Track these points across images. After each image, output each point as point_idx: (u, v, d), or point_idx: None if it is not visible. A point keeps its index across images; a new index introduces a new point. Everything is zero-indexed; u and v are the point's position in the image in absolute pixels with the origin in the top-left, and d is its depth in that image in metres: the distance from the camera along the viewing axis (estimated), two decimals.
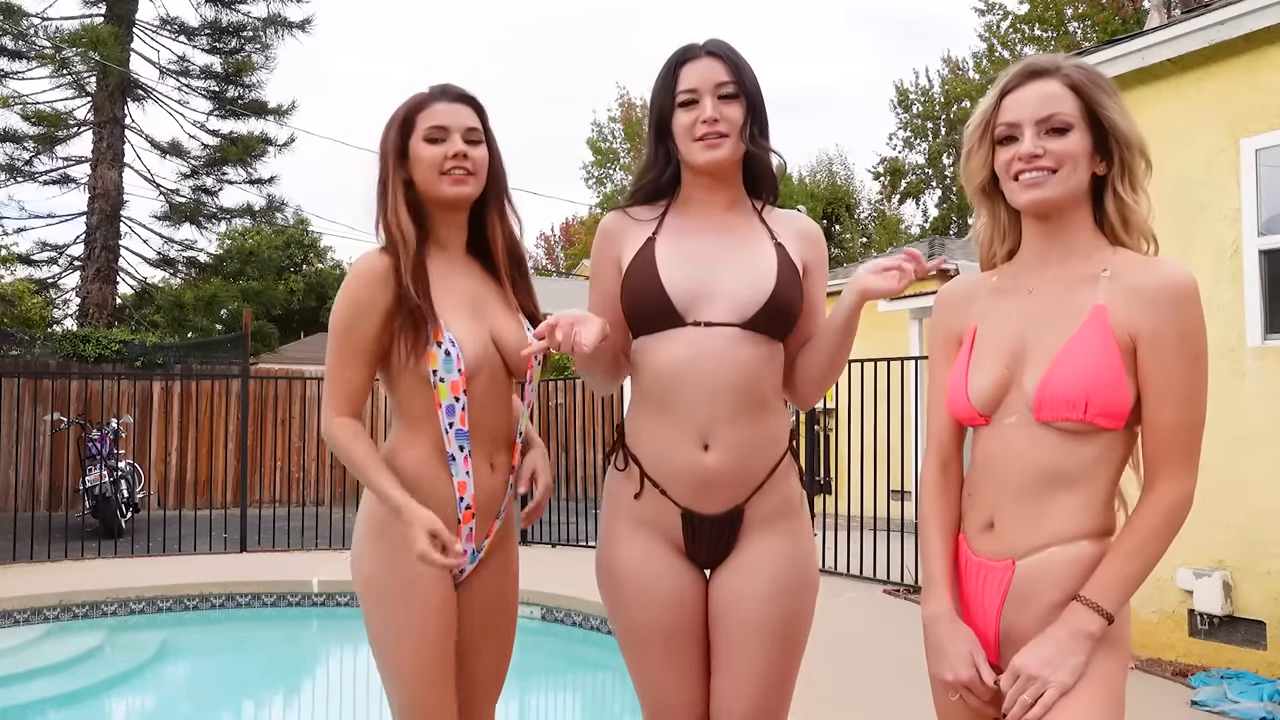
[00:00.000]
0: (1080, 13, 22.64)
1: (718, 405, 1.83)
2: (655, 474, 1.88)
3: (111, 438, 9.68)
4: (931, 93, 28.32)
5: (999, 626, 1.57)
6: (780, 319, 1.88)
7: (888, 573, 6.81)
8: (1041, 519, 1.53)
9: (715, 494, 1.86)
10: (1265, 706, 4.00)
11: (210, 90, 16.99)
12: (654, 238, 1.93)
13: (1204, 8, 4.95)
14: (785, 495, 1.91)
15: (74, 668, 5.31)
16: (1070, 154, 1.54)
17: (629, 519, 1.92)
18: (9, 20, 15.11)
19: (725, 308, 1.85)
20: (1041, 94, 1.56)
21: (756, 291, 1.86)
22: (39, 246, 16.71)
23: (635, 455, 1.91)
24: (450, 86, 2.04)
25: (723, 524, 1.88)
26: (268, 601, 6.63)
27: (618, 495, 1.95)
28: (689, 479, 1.86)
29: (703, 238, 1.93)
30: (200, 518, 9.69)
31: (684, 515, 1.88)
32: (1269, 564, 4.56)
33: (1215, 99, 4.92)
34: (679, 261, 1.89)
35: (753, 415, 1.86)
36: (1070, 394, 1.49)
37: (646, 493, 1.90)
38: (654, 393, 1.88)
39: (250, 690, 5.50)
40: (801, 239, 1.97)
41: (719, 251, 1.91)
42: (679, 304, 1.85)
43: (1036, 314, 1.58)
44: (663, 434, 1.87)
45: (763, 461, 1.88)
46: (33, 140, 15.89)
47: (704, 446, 1.84)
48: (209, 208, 17.25)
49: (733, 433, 1.84)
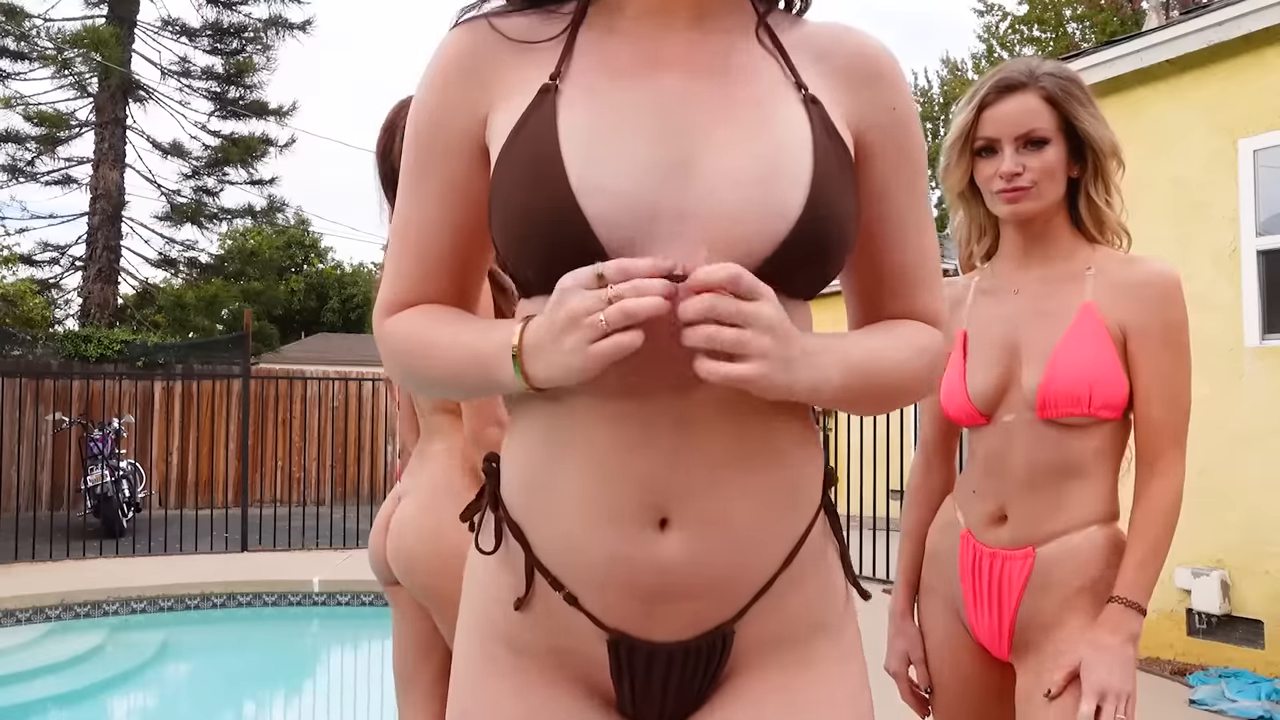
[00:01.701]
0: (1079, 14, 22.64)
1: (690, 443, 0.90)
2: (560, 565, 0.94)
3: (113, 437, 9.70)
4: (930, 93, 28.34)
5: (1015, 615, 1.59)
6: (817, 264, 0.93)
7: (887, 572, 6.82)
8: (1056, 508, 1.57)
9: (676, 609, 0.93)
10: (1263, 705, 4.01)
11: (211, 91, 17.01)
12: (555, 84, 0.94)
13: (1202, 9, 4.97)
14: (815, 595, 0.98)
15: (75, 667, 5.32)
16: (1048, 168, 1.59)
17: (499, 642, 0.99)
18: (11, 21, 15.14)
19: (712, 245, 0.88)
20: (1019, 109, 1.59)
21: (772, 208, 0.89)
22: (41, 247, 16.74)
23: (519, 524, 0.97)
24: None
25: (690, 660, 0.95)
26: (269, 601, 6.64)
27: (481, 595, 1.02)
28: (625, 581, 0.92)
29: (653, 83, 0.94)
30: (201, 517, 9.70)
31: (614, 645, 0.94)
32: (1267, 563, 4.57)
33: (1213, 100, 4.93)
34: (611, 138, 0.91)
35: (760, 456, 0.94)
36: (1073, 389, 1.53)
37: (540, 598, 0.96)
38: (561, 413, 0.93)
39: (251, 690, 5.52)
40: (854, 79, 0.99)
41: (695, 118, 0.93)
42: (611, 236, 0.88)
43: (1026, 314, 1.62)
44: (578, 495, 0.92)
45: (775, 540, 0.95)
46: (34, 141, 15.91)
47: (660, 523, 0.91)
48: (210, 208, 17.26)
49: (718, 497, 0.91)
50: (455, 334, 0.98)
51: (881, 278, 1.03)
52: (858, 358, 0.95)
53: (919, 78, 29.60)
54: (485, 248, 1.03)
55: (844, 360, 0.93)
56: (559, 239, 0.89)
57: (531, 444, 0.96)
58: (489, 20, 1.00)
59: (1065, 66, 1.66)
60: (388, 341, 1.03)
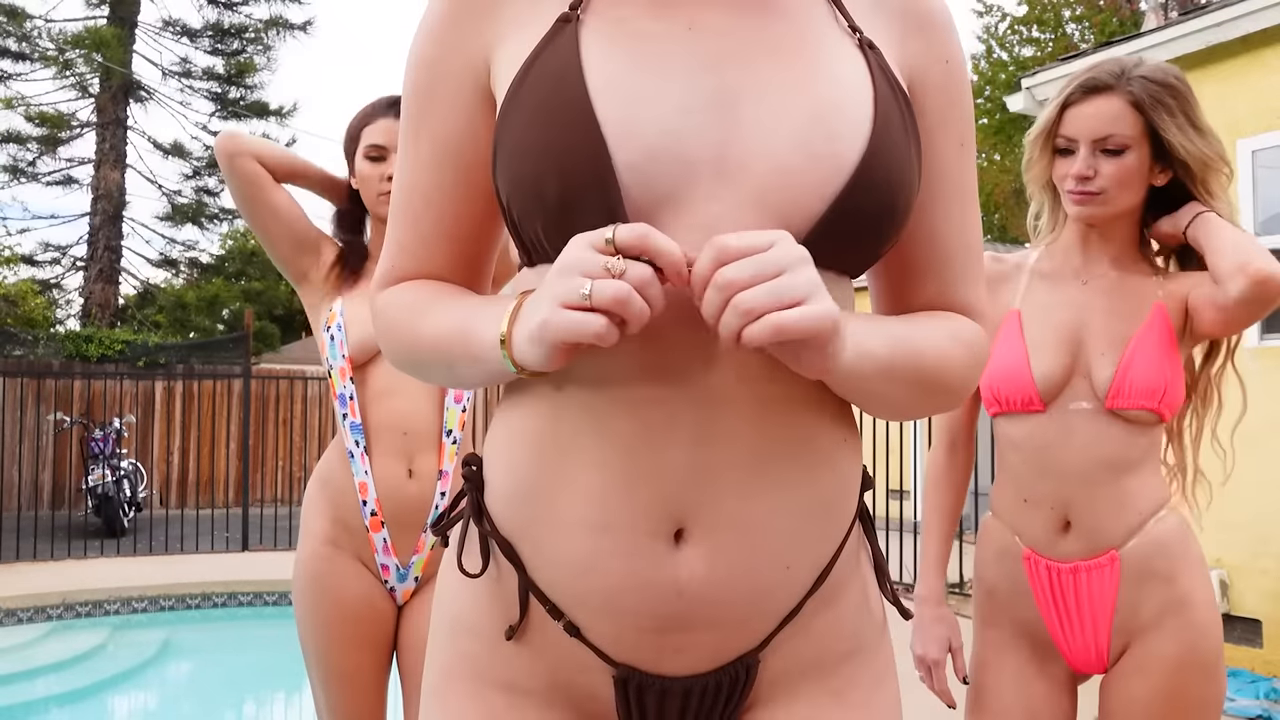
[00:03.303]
0: (1078, 14, 22.65)
1: (715, 444, 0.78)
2: (560, 589, 0.82)
3: (114, 437, 9.71)
4: None
5: (1112, 624, 1.55)
6: (872, 227, 0.80)
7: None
8: (1121, 506, 1.55)
9: (696, 637, 0.81)
10: (1261, 704, 4.02)
11: (212, 91, 17.02)
12: (573, 13, 0.80)
13: (1201, 10, 4.98)
14: (849, 616, 0.87)
15: (77, 666, 5.33)
16: (1122, 175, 1.56)
17: (486, 683, 0.85)
18: (12, 22, 15.16)
19: (751, 202, 0.77)
20: (1100, 112, 1.56)
21: (824, 161, 0.77)
22: (42, 247, 16.76)
23: (512, 543, 0.83)
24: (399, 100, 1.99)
25: (708, 697, 0.84)
26: (270, 600, 6.65)
27: (460, 628, 0.87)
28: (639, 606, 0.80)
29: (688, 16, 0.81)
30: (202, 517, 9.71)
31: (621, 682, 0.83)
32: (1265, 563, 4.58)
33: (1212, 100, 4.92)
34: (640, 78, 0.78)
35: (793, 459, 0.80)
36: (1150, 383, 1.53)
37: (536, 627, 0.84)
38: (566, 409, 0.80)
39: (252, 689, 5.52)
40: (908, 25, 0.87)
41: (731, 55, 0.80)
42: (640, 190, 0.76)
43: (1095, 305, 1.61)
44: (583, 503, 0.79)
45: (807, 554, 0.82)
46: (36, 141, 15.93)
47: (675, 535, 0.79)
48: (211, 208, 17.27)
49: (745, 504, 0.79)
50: (447, 309, 0.84)
51: (922, 257, 0.87)
52: (902, 334, 0.81)
53: None
54: (493, 216, 0.89)
55: (890, 334, 0.80)
56: (581, 189, 0.74)
57: (526, 444, 0.81)
58: None
59: (1167, 69, 1.59)
60: (378, 319, 0.90)
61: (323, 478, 1.95)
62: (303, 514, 1.97)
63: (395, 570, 1.92)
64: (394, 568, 1.92)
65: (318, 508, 1.94)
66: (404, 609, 1.96)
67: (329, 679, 1.91)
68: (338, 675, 1.90)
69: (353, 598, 1.89)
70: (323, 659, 1.90)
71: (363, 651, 1.91)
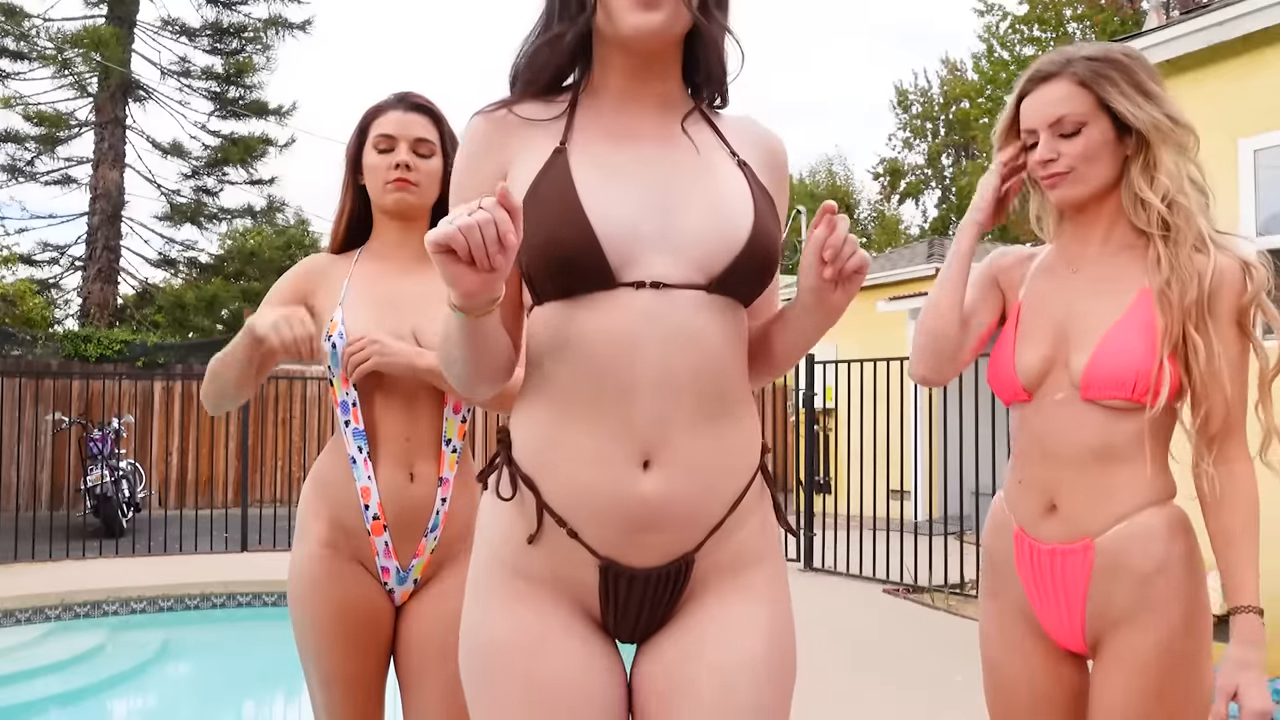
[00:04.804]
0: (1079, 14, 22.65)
1: (669, 403, 1.21)
2: (564, 507, 1.23)
3: (113, 437, 9.70)
4: (930, 93, 28.34)
5: (1084, 607, 1.58)
6: (756, 275, 1.28)
7: (887, 572, 6.82)
8: (1106, 495, 1.56)
9: (654, 539, 1.23)
10: None
11: (211, 91, 17.02)
12: (564, 147, 1.27)
13: (1202, 9, 4.97)
14: (755, 533, 1.30)
15: (75, 667, 5.32)
16: (1083, 153, 1.59)
17: (514, 574, 1.26)
18: (11, 21, 15.15)
19: (683, 260, 1.23)
20: (1050, 98, 1.61)
21: (728, 235, 1.24)
22: (40, 247, 16.76)
23: (530, 477, 1.25)
24: (409, 95, 2.00)
25: (661, 582, 1.25)
26: (269, 601, 6.64)
27: (496, 536, 1.29)
28: (616, 515, 1.21)
29: (638, 151, 1.29)
30: (201, 517, 9.71)
31: (603, 570, 1.23)
32: (1266, 563, 4.57)
33: (1213, 100, 4.93)
34: (610, 186, 1.24)
35: (718, 417, 1.25)
36: (1117, 374, 1.53)
37: (547, 535, 1.24)
38: (566, 385, 1.24)
39: (251, 690, 5.51)
40: (764, 156, 1.37)
41: (665, 173, 1.28)
42: (614, 254, 1.21)
43: (1081, 293, 1.62)
44: (578, 446, 1.23)
45: (729, 485, 1.26)
46: (34, 141, 15.93)
47: (643, 464, 1.21)
48: (210, 208, 17.28)
49: (690, 444, 1.22)
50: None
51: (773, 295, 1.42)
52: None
53: (919, 78, 29.62)
54: (517, 288, 1.33)
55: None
56: (577, 254, 1.21)
57: (541, 414, 1.27)
58: (507, 106, 1.33)
59: (1110, 46, 1.64)
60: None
61: (320, 480, 1.94)
62: (299, 516, 1.96)
63: (395, 573, 1.92)
64: (394, 570, 1.92)
65: (315, 510, 1.93)
66: (402, 610, 1.96)
67: (328, 682, 1.90)
68: (337, 678, 1.90)
69: (352, 599, 1.89)
70: (322, 661, 1.89)
71: (362, 653, 1.90)
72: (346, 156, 2.02)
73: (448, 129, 2.02)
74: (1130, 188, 1.60)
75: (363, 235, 2.05)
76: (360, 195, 2.01)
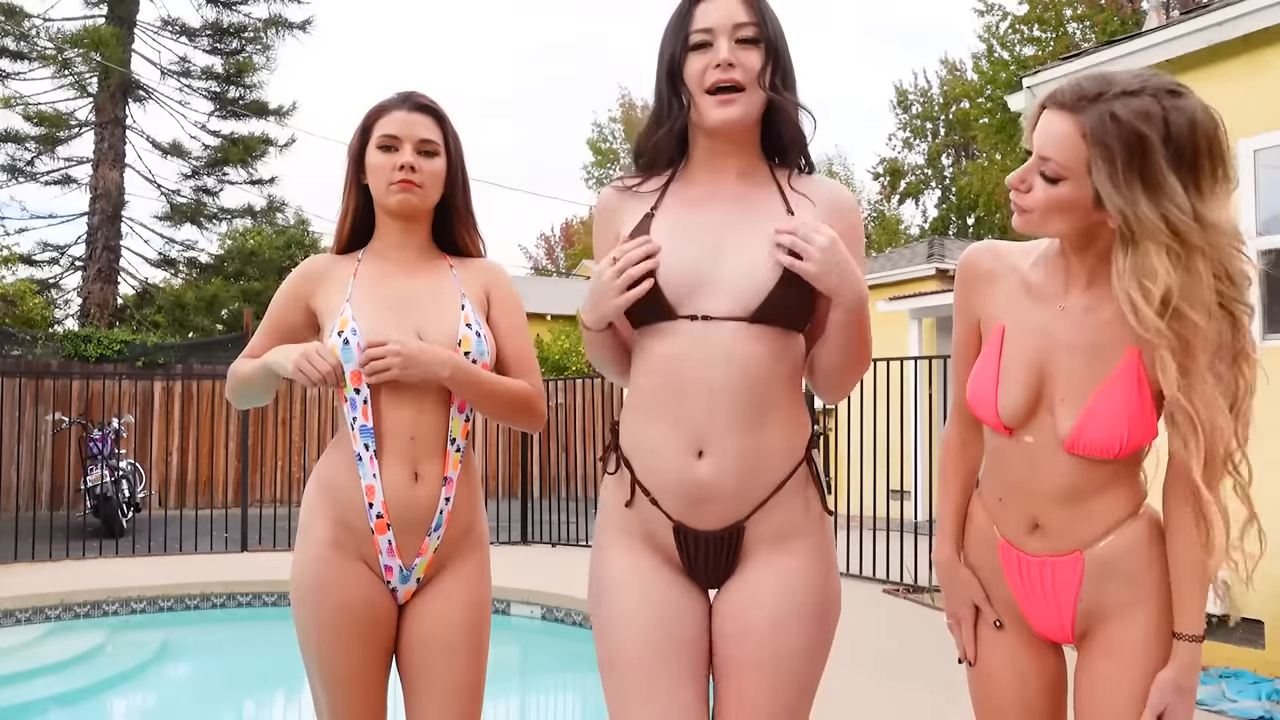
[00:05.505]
0: (1079, 14, 22.65)
1: (715, 409, 1.57)
2: (646, 481, 1.64)
3: (113, 437, 9.70)
4: (930, 93, 28.34)
5: (1075, 608, 1.60)
6: (791, 310, 1.59)
7: (887, 572, 6.82)
8: (1088, 519, 1.57)
9: (709, 509, 1.60)
10: (1263, 705, 4.01)
11: (211, 91, 17.02)
12: (652, 213, 1.67)
13: (1202, 9, 4.97)
14: (799, 512, 1.64)
15: (75, 667, 5.32)
16: (1046, 205, 1.46)
17: (620, 528, 1.69)
18: (11, 21, 15.15)
19: (726, 298, 1.58)
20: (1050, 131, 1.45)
21: (756, 280, 1.57)
22: (40, 247, 16.75)
23: (627, 458, 1.67)
24: (413, 95, 2.00)
25: (720, 542, 1.63)
26: (269, 601, 6.64)
27: (609, 501, 1.72)
28: (679, 490, 1.60)
29: (709, 212, 1.65)
30: (201, 517, 9.71)
31: (676, 530, 1.63)
32: (1267, 563, 4.55)
33: (1213, 100, 4.88)
34: (678, 242, 1.61)
35: (758, 422, 1.58)
36: (1105, 439, 1.50)
37: (638, 501, 1.65)
38: (647, 392, 1.64)
39: (251, 690, 5.52)
40: (828, 210, 1.65)
41: (726, 229, 1.63)
42: (672, 295, 1.59)
43: (1068, 341, 1.54)
44: (654, 437, 1.62)
45: (768, 475, 1.60)
46: (34, 141, 15.93)
47: (698, 454, 1.58)
48: (210, 208, 17.28)
49: (731, 441, 1.57)
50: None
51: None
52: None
53: (919, 78, 29.62)
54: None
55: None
56: (644, 299, 1.60)
57: (634, 411, 1.68)
58: (624, 180, 1.76)
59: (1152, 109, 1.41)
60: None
61: (324, 479, 1.94)
62: (302, 516, 1.96)
63: (399, 571, 1.92)
64: (397, 569, 1.92)
65: (319, 510, 1.93)
66: (405, 608, 1.96)
67: (332, 682, 1.90)
68: (340, 677, 1.90)
69: (357, 598, 1.89)
70: (325, 662, 1.89)
71: (364, 652, 1.90)
72: (349, 155, 2.02)
73: (451, 129, 2.02)
74: (1120, 281, 1.44)
75: (365, 234, 2.05)
76: (364, 194, 2.02)
